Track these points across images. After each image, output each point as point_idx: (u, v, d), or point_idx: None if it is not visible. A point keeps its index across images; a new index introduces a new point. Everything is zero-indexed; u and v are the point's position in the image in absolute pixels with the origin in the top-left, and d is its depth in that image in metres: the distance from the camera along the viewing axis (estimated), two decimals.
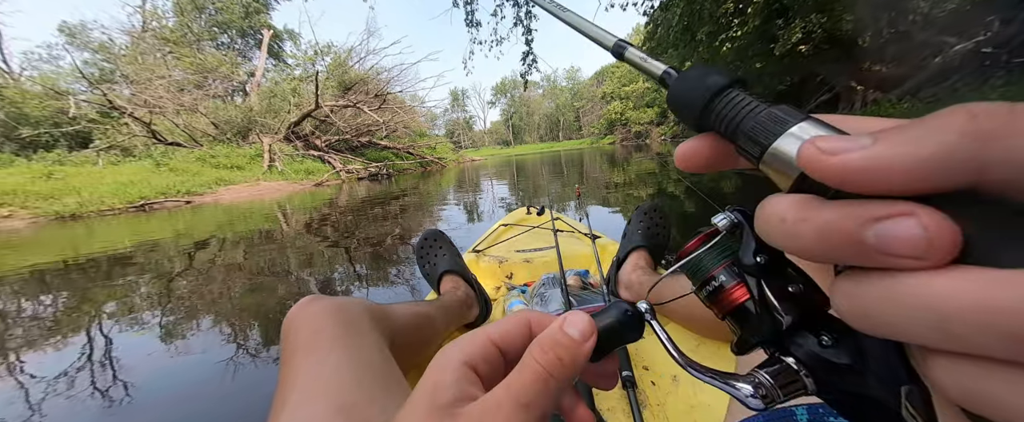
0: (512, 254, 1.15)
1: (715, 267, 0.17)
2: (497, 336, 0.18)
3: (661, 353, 0.66)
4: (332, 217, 4.04)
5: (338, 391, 0.33)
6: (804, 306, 0.14)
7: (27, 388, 1.13)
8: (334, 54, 17.26)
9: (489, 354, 0.17)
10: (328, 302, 0.45)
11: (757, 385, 0.14)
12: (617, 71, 39.34)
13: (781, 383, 0.14)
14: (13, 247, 3.85)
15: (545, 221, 1.42)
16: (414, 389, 0.17)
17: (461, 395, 0.15)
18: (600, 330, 0.17)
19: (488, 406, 0.15)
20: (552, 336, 0.16)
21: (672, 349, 0.18)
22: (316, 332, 0.40)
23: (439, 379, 0.16)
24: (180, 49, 16.36)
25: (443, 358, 0.17)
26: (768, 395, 0.14)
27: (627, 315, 0.18)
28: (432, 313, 0.66)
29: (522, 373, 0.16)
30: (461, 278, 0.84)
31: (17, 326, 1.66)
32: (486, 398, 0.15)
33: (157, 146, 10.06)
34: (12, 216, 5.65)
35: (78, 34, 17.81)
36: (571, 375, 0.16)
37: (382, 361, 0.41)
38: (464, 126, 66.36)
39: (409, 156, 13.70)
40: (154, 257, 2.81)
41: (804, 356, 0.14)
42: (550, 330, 0.17)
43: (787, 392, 0.14)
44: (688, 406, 0.55)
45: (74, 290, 2.09)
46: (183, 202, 6.85)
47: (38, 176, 7.06)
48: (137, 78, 12.84)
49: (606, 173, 6.92)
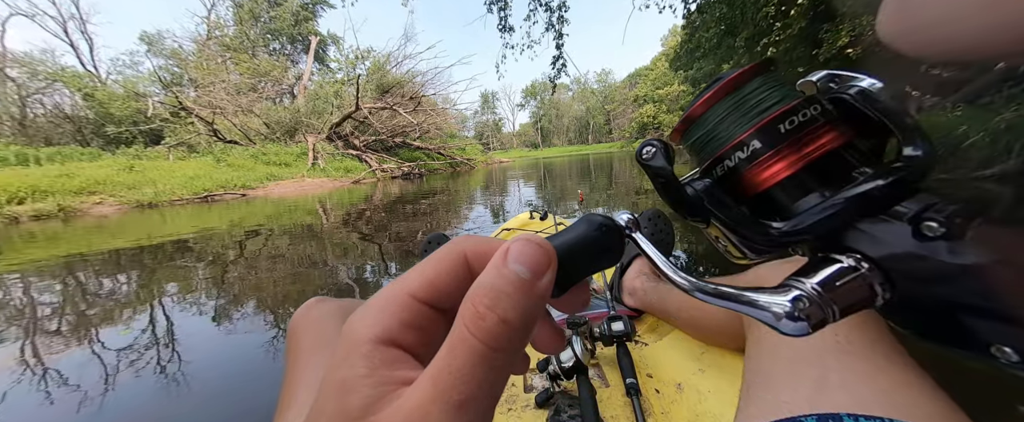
0: None
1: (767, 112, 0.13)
2: (419, 287, 0.13)
3: (666, 360, 0.63)
4: (367, 213, 4.37)
5: None
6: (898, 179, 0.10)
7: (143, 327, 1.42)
8: (373, 58, 18.22)
9: (414, 316, 0.12)
10: (333, 304, 0.44)
11: (797, 299, 0.10)
12: (651, 73, 38.37)
13: (837, 294, 0.10)
14: (109, 230, 4.48)
15: (548, 226, 1.38)
16: (319, 389, 0.12)
17: (380, 391, 0.11)
18: (561, 254, 0.13)
19: (408, 413, 0.10)
20: (490, 284, 0.12)
21: (666, 268, 0.14)
22: (321, 333, 0.39)
23: (347, 374, 0.11)
24: (238, 55, 17.93)
25: (348, 339, 0.12)
26: (813, 313, 0.10)
27: (600, 229, 0.14)
28: None
29: (452, 355, 0.11)
30: None
31: (116, 292, 2.03)
32: (404, 400, 0.11)
33: (217, 143, 11.12)
34: (103, 203, 6.52)
35: (155, 42, 19.93)
36: (525, 337, 0.12)
37: None
38: (493, 128, 67.11)
39: (440, 157, 14.20)
40: (218, 242, 3.21)
41: (886, 252, 0.10)
42: (487, 275, 0.12)
43: (845, 305, 0.10)
44: (693, 414, 0.53)
45: (159, 266, 2.48)
46: (239, 195, 7.59)
47: (122, 168, 8.06)
48: (202, 82, 14.23)
49: (636, 178, 6.88)
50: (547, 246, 0.13)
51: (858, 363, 0.29)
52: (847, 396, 0.27)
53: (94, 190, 6.71)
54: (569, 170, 10.41)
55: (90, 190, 6.68)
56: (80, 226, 5.02)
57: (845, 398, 0.27)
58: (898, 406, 0.25)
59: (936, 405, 0.26)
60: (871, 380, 0.28)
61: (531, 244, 0.12)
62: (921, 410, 0.25)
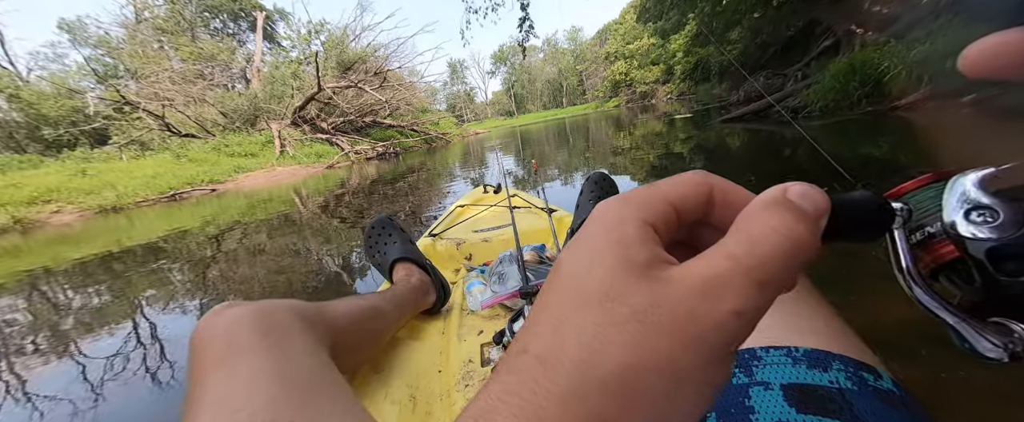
0: (470, 235, 1.13)
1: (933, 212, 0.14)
2: (676, 198, 0.13)
3: None
4: (346, 198, 4.35)
5: (255, 406, 0.29)
6: None
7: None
8: (329, 33, 17.03)
9: (665, 220, 0.13)
10: (245, 308, 0.38)
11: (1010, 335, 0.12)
12: (620, 28, 37.52)
13: None
14: (72, 241, 4.31)
15: (502, 199, 1.36)
16: (575, 241, 0.13)
17: (654, 257, 0.11)
18: (835, 205, 0.13)
19: (710, 278, 0.10)
20: (781, 202, 0.12)
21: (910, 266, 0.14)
22: (230, 343, 0.34)
23: (622, 234, 0.12)
24: (176, 39, 16.34)
25: (615, 211, 0.12)
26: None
27: (875, 204, 0.14)
28: (381, 305, 0.62)
29: (756, 243, 0.11)
30: (414, 264, 0.80)
31: (91, 303, 2.04)
32: (701, 268, 0.11)
33: (172, 138, 10.44)
34: (61, 211, 6.17)
35: (77, 30, 17.85)
36: (794, 271, 0.11)
37: (315, 366, 0.36)
38: (465, 99, 65.00)
39: (414, 133, 13.84)
40: (192, 241, 3.18)
41: None
42: (772, 197, 0.12)
43: None
44: None
45: (135, 272, 2.47)
46: (208, 190, 7.29)
47: (74, 173, 7.55)
48: (142, 72, 13.05)
49: (611, 138, 7.01)
50: (824, 194, 0.13)
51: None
52: (756, 332, 0.35)
53: (48, 198, 6.31)
54: (545, 136, 10.43)
55: (44, 199, 6.28)
56: (42, 237, 4.80)
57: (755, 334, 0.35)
58: (804, 334, 0.27)
59: (830, 327, 0.28)
60: (775, 311, 0.34)
61: (813, 188, 0.13)
62: (820, 337, 0.27)
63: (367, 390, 0.56)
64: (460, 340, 0.66)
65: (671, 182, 0.13)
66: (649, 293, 0.11)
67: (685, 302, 0.10)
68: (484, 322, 0.71)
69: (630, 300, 0.11)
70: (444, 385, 0.58)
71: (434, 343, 0.69)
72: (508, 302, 0.72)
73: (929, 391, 0.65)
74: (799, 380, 0.24)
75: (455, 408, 0.52)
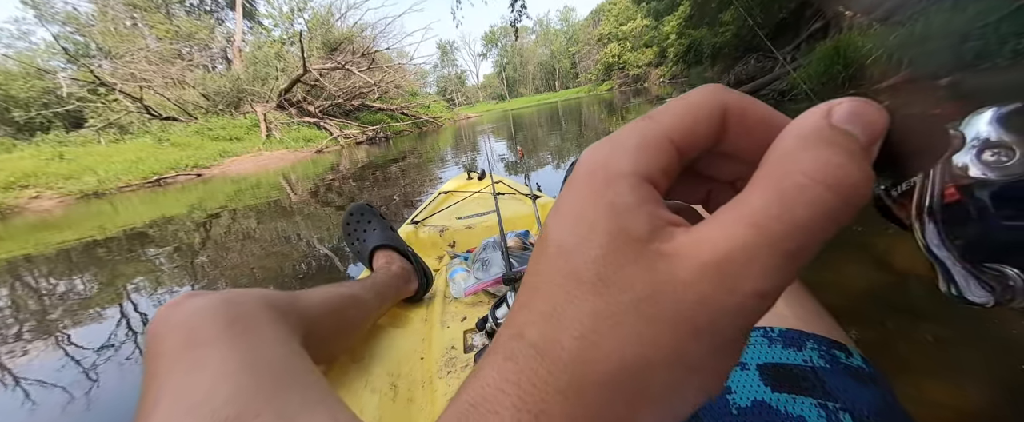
0: (453, 222, 1.12)
1: None
2: (679, 133, 0.10)
3: None
4: (336, 183, 4.30)
5: (220, 399, 0.27)
6: None
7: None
8: (313, 11, 16.35)
9: (668, 162, 0.10)
10: (209, 297, 0.36)
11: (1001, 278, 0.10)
12: (614, 8, 36.69)
13: None
14: (55, 226, 4.21)
15: (486, 185, 1.34)
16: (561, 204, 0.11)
17: (655, 223, 0.09)
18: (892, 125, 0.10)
19: (728, 254, 0.08)
20: (825, 134, 0.09)
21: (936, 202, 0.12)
22: (191, 334, 0.32)
23: (615, 197, 0.10)
24: (150, 16, 15.53)
25: (604, 164, 0.10)
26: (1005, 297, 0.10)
27: (930, 123, 0.11)
28: (360, 293, 0.60)
29: (789, 201, 0.08)
30: (395, 251, 0.78)
31: (75, 291, 2.01)
32: (715, 239, 0.09)
33: (153, 122, 10.09)
34: (40, 197, 5.99)
35: (42, 6, 16.81)
36: (860, 208, 0.09)
37: (285, 356, 0.34)
38: (456, 82, 63.64)
39: (404, 117, 13.57)
40: (179, 227, 3.13)
41: None
42: (812, 126, 0.09)
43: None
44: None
45: (122, 259, 2.44)
46: (194, 175, 7.12)
47: (50, 158, 7.28)
48: (116, 51, 12.45)
49: (604, 122, 6.98)
50: (881, 109, 0.10)
51: None
52: None
53: (25, 183, 6.11)
54: (537, 119, 10.32)
55: (20, 184, 6.07)
56: (21, 223, 4.67)
57: None
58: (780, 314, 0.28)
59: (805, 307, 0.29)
60: None
61: (867, 104, 0.10)
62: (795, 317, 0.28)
63: (346, 379, 0.55)
64: (443, 327, 0.67)
65: (673, 110, 0.11)
66: (651, 276, 0.09)
67: (695, 286, 0.09)
68: (467, 309, 0.72)
69: (629, 286, 0.09)
70: (426, 372, 0.58)
71: (416, 330, 0.70)
72: (491, 289, 0.72)
73: (883, 349, 0.72)
74: (774, 360, 0.25)
75: (437, 395, 0.52)
